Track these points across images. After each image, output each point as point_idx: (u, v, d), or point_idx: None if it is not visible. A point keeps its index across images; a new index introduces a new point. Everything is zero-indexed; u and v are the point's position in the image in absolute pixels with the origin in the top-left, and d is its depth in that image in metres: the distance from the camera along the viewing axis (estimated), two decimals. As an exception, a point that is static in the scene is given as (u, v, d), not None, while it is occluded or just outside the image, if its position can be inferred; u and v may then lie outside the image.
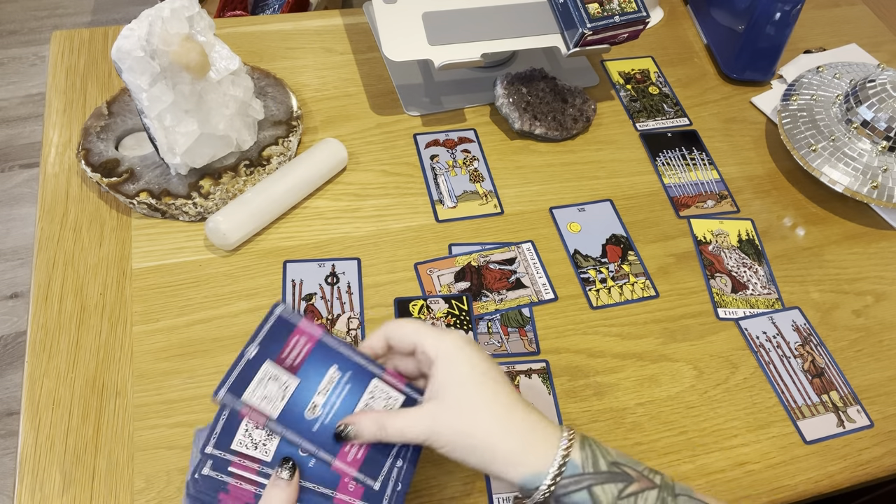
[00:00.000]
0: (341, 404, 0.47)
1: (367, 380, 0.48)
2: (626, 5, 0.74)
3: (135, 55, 0.59)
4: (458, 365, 0.44)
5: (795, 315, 0.68)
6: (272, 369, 0.47)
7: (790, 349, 0.65)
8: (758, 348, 0.65)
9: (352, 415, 0.46)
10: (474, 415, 0.43)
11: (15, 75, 1.95)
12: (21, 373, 0.95)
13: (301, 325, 0.49)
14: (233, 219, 0.65)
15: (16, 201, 1.67)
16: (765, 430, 0.60)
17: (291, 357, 0.47)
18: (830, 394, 0.63)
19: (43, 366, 0.58)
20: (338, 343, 0.49)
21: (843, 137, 0.75)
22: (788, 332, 0.66)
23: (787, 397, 0.62)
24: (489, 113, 0.82)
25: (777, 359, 0.65)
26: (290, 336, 0.48)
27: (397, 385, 0.48)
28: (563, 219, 0.73)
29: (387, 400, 0.48)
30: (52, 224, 0.67)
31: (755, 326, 0.67)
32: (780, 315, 0.68)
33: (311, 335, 0.49)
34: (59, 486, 0.53)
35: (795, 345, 0.66)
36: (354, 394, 0.47)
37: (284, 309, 0.49)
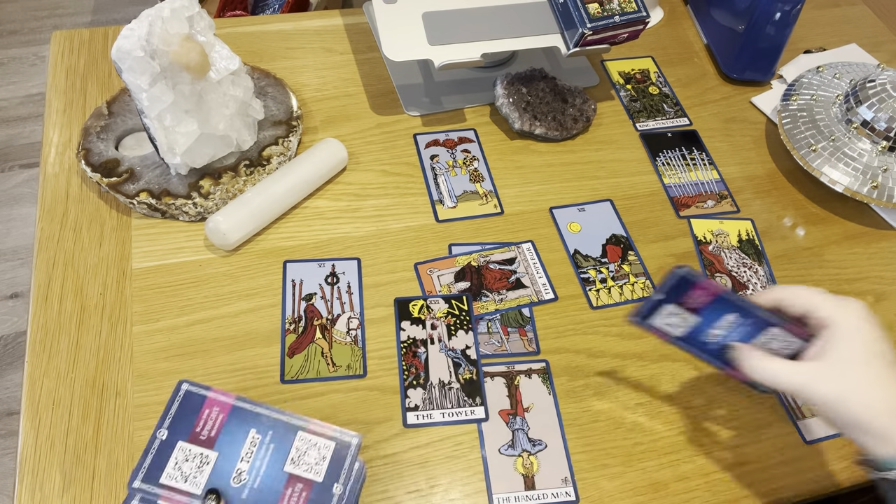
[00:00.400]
0: (267, 468, 0.46)
1: (292, 434, 0.47)
2: (626, 5, 0.74)
3: (135, 55, 0.59)
4: (850, 339, 0.46)
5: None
6: (186, 448, 0.46)
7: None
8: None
9: (742, 345, 0.50)
10: (856, 386, 0.44)
11: (15, 75, 1.95)
12: (21, 373, 0.95)
13: (210, 396, 0.48)
14: (233, 219, 0.65)
15: (16, 201, 1.67)
16: (765, 430, 0.60)
17: (206, 431, 0.47)
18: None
19: (43, 366, 0.58)
20: (253, 405, 0.48)
21: (843, 137, 0.75)
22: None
23: (787, 397, 0.62)
24: (489, 113, 0.82)
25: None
26: (201, 410, 0.47)
27: (324, 432, 0.48)
28: (563, 219, 0.73)
29: (318, 449, 0.47)
30: (52, 224, 0.67)
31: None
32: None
33: (223, 404, 0.48)
34: (59, 486, 0.53)
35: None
36: (281, 451, 0.46)
37: (190, 384, 0.48)
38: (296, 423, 0.47)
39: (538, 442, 0.58)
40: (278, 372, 0.60)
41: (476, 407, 0.59)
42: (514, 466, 0.56)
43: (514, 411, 0.59)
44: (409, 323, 0.64)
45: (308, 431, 0.47)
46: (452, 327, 0.64)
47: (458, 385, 0.60)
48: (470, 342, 0.63)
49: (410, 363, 0.61)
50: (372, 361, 0.61)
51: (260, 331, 0.62)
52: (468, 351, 0.62)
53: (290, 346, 0.61)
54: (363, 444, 0.56)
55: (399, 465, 0.56)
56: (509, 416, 0.59)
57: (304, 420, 0.48)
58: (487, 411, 0.59)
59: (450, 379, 0.61)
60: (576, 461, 0.57)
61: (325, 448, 0.47)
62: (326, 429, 0.48)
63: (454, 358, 0.62)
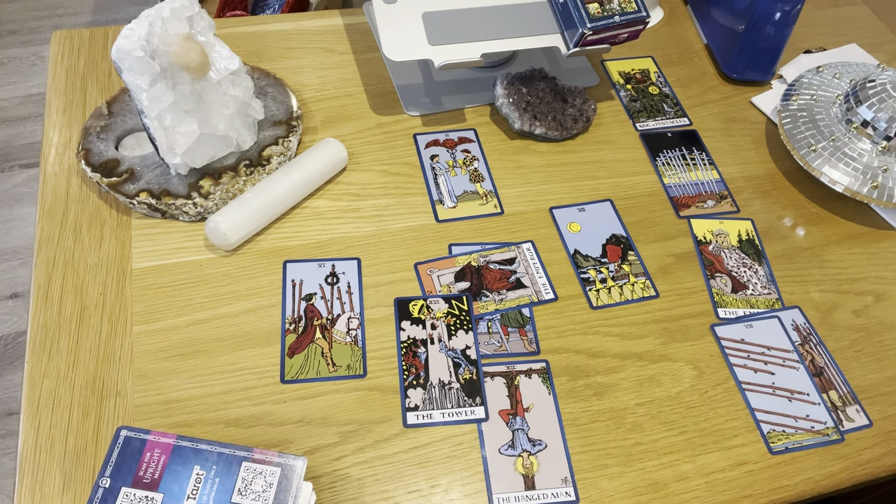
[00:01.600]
0: (214, 502, 0.46)
1: (236, 465, 0.48)
2: (626, 5, 0.74)
3: (135, 55, 0.59)
4: None
5: (795, 314, 0.68)
6: (130, 494, 0.46)
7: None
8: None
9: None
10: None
11: (15, 75, 1.95)
12: (21, 373, 0.95)
13: (150, 439, 0.48)
14: (233, 219, 0.65)
15: (16, 201, 1.67)
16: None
17: (149, 474, 0.47)
18: (829, 393, 0.63)
19: (43, 366, 0.58)
20: (194, 442, 0.49)
21: (843, 137, 0.75)
22: (789, 331, 0.66)
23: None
24: (489, 113, 0.82)
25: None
26: (143, 454, 0.48)
27: (269, 459, 0.49)
28: (563, 219, 0.73)
29: (263, 477, 0.48)
30: (52, 224, 0.67)
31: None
32: (779, 314, 0.68)
33: (164, 445, 0.48)
34: (59, 486, 0.53)
35: (795, 344, 0.66)
36: (226, 483, 0.47)
37: (129, 430, 0.49)
38: (239, 454, 0.48)
39: (538, 442, 0.58)
40: (278, 372, 0.60)
41: (476, 407, 0.59)
42: (514, 466, 0.56)
43: (514, 411, 0.59)
44: (409, 323, 0.64)
45: (252, 461, 0.48)
46: (452, 327, 0.64)
47: (458, 385, 0.60)
48: (470, 342, 0.63)
49: (410, 363, 0.61)
50: (372, 361, 0.61)
51: (260, 331, 0.62)
52: (468, 351, 0.62)
53: (290, 346, 0.61)
54: (363, 446, 0.57)
55: (399, 465, 0.56)
56: (509, 416, 0.59)
57: (247, 450, 0.49)
58: (487, 411, 0.59)
59: (450, 379, 0.61)
60: (576, 461, 0.57)
61: (271, 475, 0.48)
62: (270, 456, 0.49)
63: (454, 358, 0.62)
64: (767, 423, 0.61)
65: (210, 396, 0.58)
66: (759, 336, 0.66)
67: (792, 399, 0.62)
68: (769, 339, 0.66)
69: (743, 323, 0.67)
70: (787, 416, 0.61)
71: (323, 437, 0.57)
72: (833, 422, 0.61)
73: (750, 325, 0.66)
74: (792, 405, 0.62)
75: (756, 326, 0.67)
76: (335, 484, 0.54)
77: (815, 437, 0.60)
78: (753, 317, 0.67)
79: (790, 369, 0.64)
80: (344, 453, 0.56)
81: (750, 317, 0.67)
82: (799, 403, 0.62)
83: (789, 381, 0.63)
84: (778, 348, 0.65)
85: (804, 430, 0.61)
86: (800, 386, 0.63)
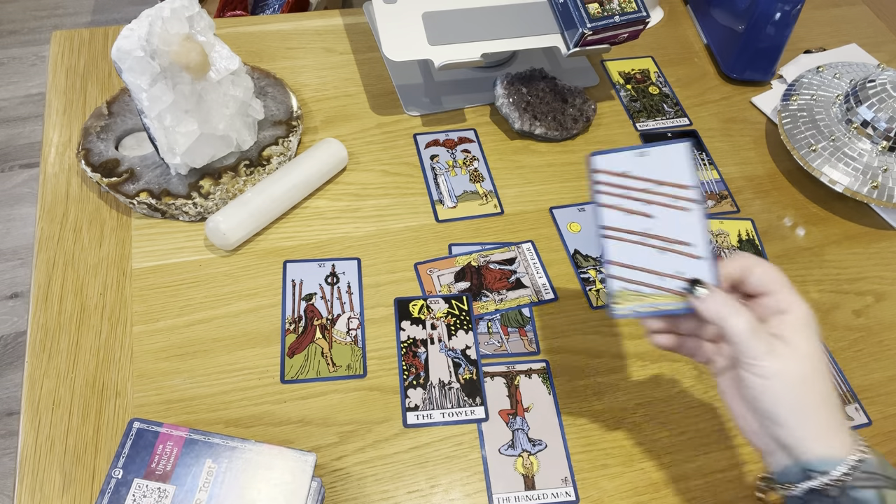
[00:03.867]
0: (226, 494, 0.47)
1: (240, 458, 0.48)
2: (626, 5, 0.74)
3: (135, 55, 0.59)
4: (809, 332, 0.43)
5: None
6: (143, 485, 0.47)
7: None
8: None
9: (715, 288, 0.44)
10: (804, 375, 0.42)
11: (15, 75, 1.95)
12: (21, 373, 0.95)
13: (163, 431, 0.49)
14: (233, 219, 0.65)
15: (16, 201, 1.67)
16: (765, 430, 0.60)
17: (161, 466, 0.47)
18: (830, 394, 0.63)
19: (43, 366, 0.58)
20: (206, 435, 0.49)
21: (843, 137, 0.75)
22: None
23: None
24: (489, 113, 0.82)
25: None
26: (155, 446, 0.48)
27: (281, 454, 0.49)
28: (563, 219, 0.73)
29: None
30: (52, 224, 0.67)
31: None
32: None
33: (177, 438, 0.49)
34: (59, 486, 0.53)
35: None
36: (236, 478, 0.47)
37: (142, 422, 0.49)
38: (250, 448, 0.49)
39: (538, 442, 0.58)
40: (278, 372, 0.60)
41: (476, 407, 0.59)
42: (514, 466, 0.56)
43: (514, 411, 0.59)
44: (409, 323, 0.64)
45: (260, 451, 0.48)
46: (452, 327, 0.64)
47: (458, 385, 0.60)
48: (470, 342, 0.63)
49: (410, 363, 0.61)
50: (372, 361, 0.61)
51: (260, 331, 0.62)
52: (468, 351, 0.62)
53: (290, 346, 0.61)
54: (363, 446, 0.57)
55: (399, 465, 0.56)
56: (509, 416, 0.59)
57: (258, 445, 0.49)
58: (487, 411, 0.59)
59: (450, 379, 0.61)
60: (576, 461, 0.57)
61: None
62: (282, 451, 0.49)
63: (454, 358, 0.62)
64: (619, 278, 0.47)
65: (210, 396, 0.58)
66: (651, 169, 0.48)
67: (666, 251, 0.46)
68: (664, 172, 0.47)
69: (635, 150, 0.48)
70: (649, 273, 0.47)
71: (323, 437, 0.57)
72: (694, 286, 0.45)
73: (644, 154, 0.48)
74: (663, 258, 0.46)
75: (653, 155, 0.48)
76: (335, 484, 0.54)
77: (670, 301, 0.46)
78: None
79: (678, 211, 0.47)
80: (344, 453, 0.56)
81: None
82: (673, 256, 0.46)
83: (671, 227, 0.46)
84: (671, 183, 0.47)
85: (664, 292, 0.46)
86: (684, 234, 0.46)
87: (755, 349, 0.42)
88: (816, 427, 0.42)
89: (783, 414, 0.42)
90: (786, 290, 0.44)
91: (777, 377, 0.42)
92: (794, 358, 0.42)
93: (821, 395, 0.42)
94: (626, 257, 0.47)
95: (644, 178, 0.47)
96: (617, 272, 0.47)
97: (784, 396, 0.42)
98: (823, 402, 0.42)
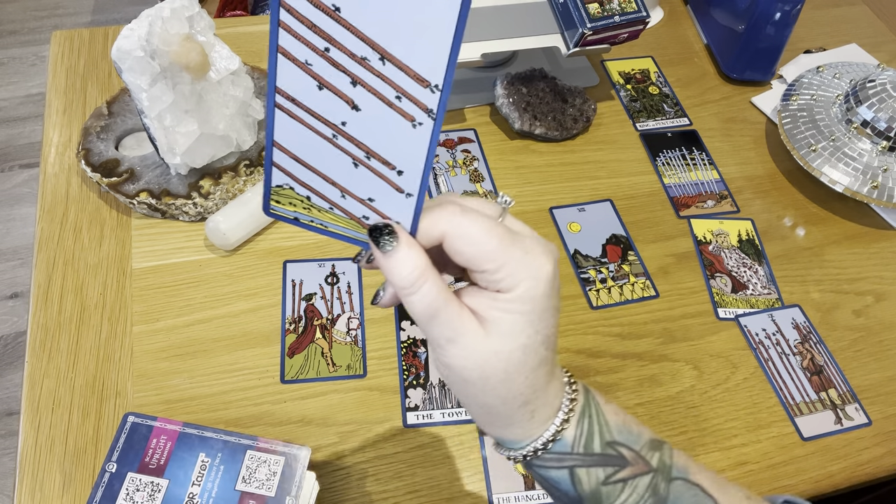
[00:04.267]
0: (219, 489, 0.47)
1: (241, 453, 0.49)
2: (626, 5, 0.74)
3: (135, 55, 0.59)
4: (512, 325, 0.34)
5: (795, 313, 0.68)
6: (136, 479, 0.47)
7: (789, 346, 0.65)
8: (757, 345, 0.65)
9: (409, 245, 0.33)
10: (487, 375, 0.34)
11: (15, 75, 1.95)
12: (21, 373, 0.95)
13: (157, 425, 0.49)
14: (233, 219, 0.65)
15: (16, 201, 1.67)
16: (765, 430, 0.60)
17: (155, 460, 0.48)
18: (829, 391, 0.63)
19: (43, 366, 0.58)
20: (200, 429, 0.49)
21: (843, 137, 0.75)
22: (788, 330, 0.67)
23: (786, 394, 0.62)
24: (489, 113, 0.82)
25: (776, 356, 0.65)
26: (149, 440, 0.48)
27: (273, 448, 0.49)
28: (563, 219, 0.73)
29: (267, 465, 0.48)
30: (52, 224, 0.67)
31: (755, 323, 0.67)
32: (779, 312, 0.68)
33: (171, 432, 0.49)
34: (59, 486, 0.53)
35: (795, 342, 0.66)
36: (231, 471, 0.48)
37: (136, 416, 0.49)
38: (244, 442, 0.49)
39: (538, 442, 0.58)
40: (278, 372, 0.60)
41: (476, 407, 0.59)
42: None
43: (514, 411, 0.59)
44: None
45: (257, 449, 0.49)
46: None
47: (458, 385, 0.60)
48: (470, 342, 0.63)
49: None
50: (372, 361, 0.61)
51: (260, 331, 0.62)
52: (468, 351, 0.62)
53: (290, 346, 0.61)
54: (363, 445, 0.57)
55: (399, 465, 0.56)
56: (509, 416, 0.59)
57: (252, 439, 0.49)
58: (487, 411, 0.59)
59: (450, 379, 0.60)
60: (576, 461, 0.57)
61: (276, 464, 0.49)
62: (275, 445, 0.49)
63: (454, 358, 0.62)
64: (285, 171, 0.36)
65: (210, 396, 0.58)
66: (380, 23, 0.36)
67: (361, 165, 0.34)
68: (399, 40, 0.34)
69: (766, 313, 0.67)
70: (327, 183, 0.35)
71: (323, 437, 0.57)
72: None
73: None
74: (356, 173, 0.34)
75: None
76: (335, 484, 0.54)
77: (348, 228, 0.37)
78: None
79: (399, 117, 0.34)
80: (344, 453, 0.56)
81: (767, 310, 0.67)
82: (369, 176, 0.34)
83: (379, 135, 0.33)
84: (404, 66, 0.33)
85: (342, 213, 0.36)
86: (394, 152, 0.33)
87: (438, 333, 0.33)
88: (499, 421, 0.35)
89: (464, 402, 0.36)
90: (505, 267, 0.33)
91: (456, 371, 0.34)
92: (481, 352, 0.33)
93: (502, 397, 0.34)
94: (300, 148, 0.32)
95: (363, 35, 0.28)
96: (283, 161, 0.33)
97: (461, 390, 0.35)
98: (511, 399, 0.35)
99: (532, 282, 0.33)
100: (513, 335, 0.34)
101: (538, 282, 0.34)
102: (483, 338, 0.33)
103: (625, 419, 0.38)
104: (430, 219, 0.33)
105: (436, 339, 0.34)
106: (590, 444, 0.37)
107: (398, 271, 0.33)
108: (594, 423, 0.37)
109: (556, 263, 0.35)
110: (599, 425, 0.37)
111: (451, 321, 0.33)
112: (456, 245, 0.33)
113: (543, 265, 0.34)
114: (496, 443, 0.38)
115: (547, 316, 0.35)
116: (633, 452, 0.37)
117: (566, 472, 0.36)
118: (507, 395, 0.35)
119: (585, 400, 0.37)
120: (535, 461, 0.36)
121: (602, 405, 0.38)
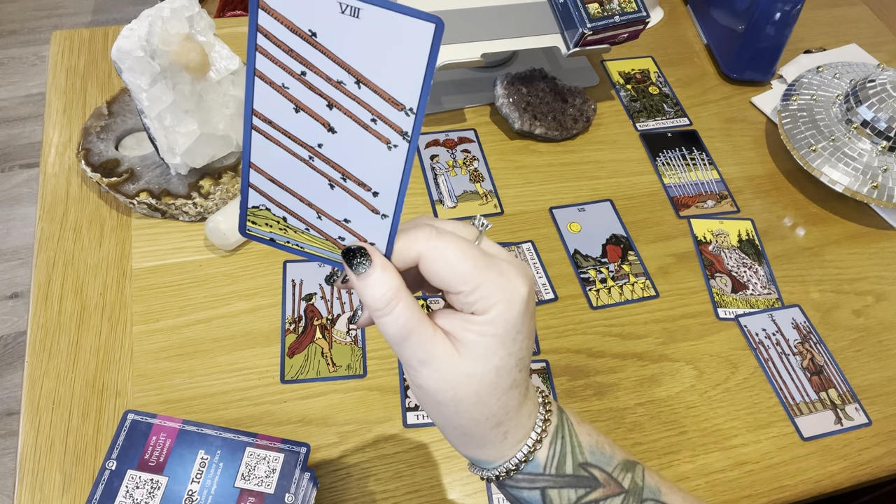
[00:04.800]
0: (218, 486, 0.47)
1: (240, 451, 0.49)
2: (626, 5, 0.74)
3: (135, 55, 0.59)
4: (484, 349, 0.33)
5: (795, 313, 0.68)
6: (136, 476, 0.47)
7: (789, 346, 0.65)
8: (757, 345, 0.65)
9: (384, 269, 0.33)
10: (459, 398, 0.34)
11: (15, 75, 1.95)
12: (21, 373, 0.95)
13: (157, 423, 0.49)
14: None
15: (16, 201, 1.67)
16: (765, 430, 0.60)
17: (154, 457, 0.48)
18: (829, 391, 0.63)
19: (43, 366, 0.58)
20: (199, 427, 0.49)
21: (843, 137, 0.75)
22: (788, 330, 0.67)
23: (786, 394, 0.62)
24: (489, 113, 0.82)
25: (776, 356, 0.65)
26: (149, 437, 0.49)
27: (272, 445, 0.49)
28: (563, 219, 0.73)
29: (267, 462, 0.49)
30: (52, 224, 0.67)
31: (755, 324, 0.67)
32: (779, 312, 0.68)
33: (170, 429, 0.49)
34: (59, 486, 0.53)
35: (795, 342, 0.66)
36: (230, 469, 0.48)
37: (136, 413, 0.49)
38: (243, 439, 0.49)
39: (538, 442, 0.58)
40: (278, 372, 0.60)
41: (476, 407, 0.59)
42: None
43: (514, 411, 0.59)
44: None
45: (256, 446, 0.49)
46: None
47: (458, 385, 0.60)
48: (470, 342, 0.63)
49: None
50: (372, 361, 0.61)
51: (260, 331, 0.62)
52: (468, 351, 0.62)
53: (290, 346, 0.61)
54: (363, 445, 0.57)
55: (399, 465, 0.56)
56: (509, 416, 0.59)
57: (251, 436, 0.49)
58: (487, 411, 0.59)
59: (450, 379, 0.60)
60: (576, 461, 0.57)
61: (275, 461, 0.49)
62: (274, 442, 0.49)
63: (454, 358, 0.62)
64: (262, 192, 0.36)
65: (210, 396, 0.58)
66: (357, 48, 0.36)
67: (337, 187, 0.35)
68: (375, 65, 0.35)
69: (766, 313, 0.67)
70: (303, 204, 0.35)
71: (323, 437, 0.57)
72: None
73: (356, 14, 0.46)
74: (332, 195, 0.35)
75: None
76: (335, 484, 0.54)
77: (324, 249, 0.38)
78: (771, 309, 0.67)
79: (375, 140, 0.33)
80: (344, 453, 0.56)
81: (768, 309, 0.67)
82: (345, 198, 0.34)
83: (355, 157, 0.34)
84: (380, 90, 0.33)
85: (318, 234, 0.36)
86: (370, 174, 0.33)
87: (411, 355, 0.33)
88: (473, 442, 0.36)
89: (437, 423, 0.36)
90: (483, 288, 0.32)
91: (429, 393, 0.34)
92: (454, 374, 0.33)
93: (475, 419, 0.34)
94: (277, 169, 0.32)
95: (339, 60, 0.28)
96: (260, 183, 0.33)
97: (434, 412, 0.35)
98: (484, 420, 0.35)
99: (506, 305, 0.33)
100: (485, 358, 0.34)
101: (512, 305, 0.33)
102: (456, 360, 0.33)
103: (598, 440, 0.38)
104: (405, 240, 0.33)
105: (408, 361, 0.34)
106: (562, 466, 0.37)
107: (371, 293, 0.33)
108: (567, 444, 0.37)
109: (531, 286, 0.35)
110: (572, 446, 0.37)
111: (424, 343, 0.33)
112: (431, 267, 0.33)
113: (518, 288, 0.34)
114: (470, 463, 0.38)
115: (520, 338, 0.35)
116: (605, 474, 0.37)
117: (538, 492, 0.37)
118: (479, 416, 0.35)
119: (559, 421, 0.37)
120: (507, 481, 0.37)
121: (576, 426, 0.38)
